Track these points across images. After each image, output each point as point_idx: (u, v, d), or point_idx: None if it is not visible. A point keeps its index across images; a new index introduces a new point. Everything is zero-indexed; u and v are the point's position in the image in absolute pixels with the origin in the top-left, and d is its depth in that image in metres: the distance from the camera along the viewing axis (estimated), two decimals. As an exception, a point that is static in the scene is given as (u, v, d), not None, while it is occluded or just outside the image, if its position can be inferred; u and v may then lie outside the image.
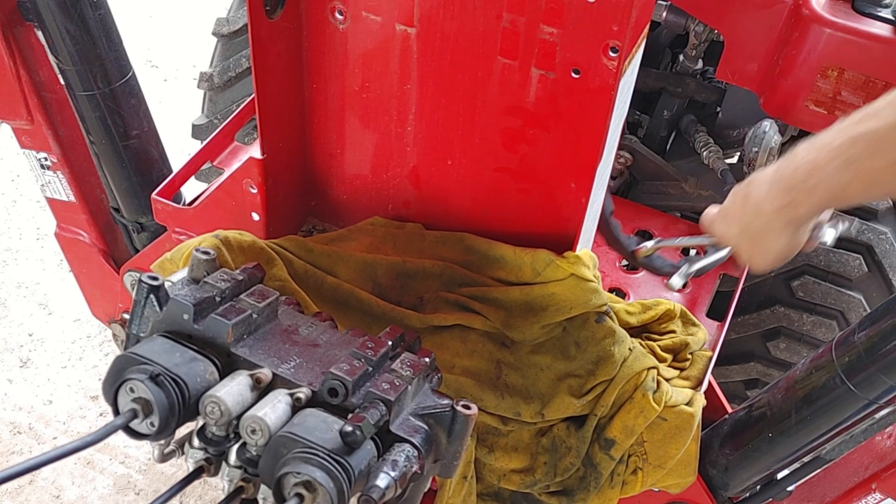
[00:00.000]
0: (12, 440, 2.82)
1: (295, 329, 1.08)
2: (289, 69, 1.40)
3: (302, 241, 1.50)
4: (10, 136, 1.86)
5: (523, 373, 1.47)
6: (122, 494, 2.71)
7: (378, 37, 1.33)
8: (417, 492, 1.03)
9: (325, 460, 0.86)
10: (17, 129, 1.80)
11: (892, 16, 1.58)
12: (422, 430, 0.98)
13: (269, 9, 1.28)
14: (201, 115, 2.67)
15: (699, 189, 2.22)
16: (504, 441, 1.53)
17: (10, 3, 1.61)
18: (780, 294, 2.23)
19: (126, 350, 0.95)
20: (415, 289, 1.49)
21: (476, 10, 1.24)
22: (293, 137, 1.50)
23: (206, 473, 0.98)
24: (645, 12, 1.26)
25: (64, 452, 0.80)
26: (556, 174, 1.36)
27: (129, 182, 1.78)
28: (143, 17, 4.80)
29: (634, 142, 2.19)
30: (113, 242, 2.01)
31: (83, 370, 3.05)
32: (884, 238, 2.14)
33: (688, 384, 1.57)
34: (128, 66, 1.65)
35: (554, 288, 1.43)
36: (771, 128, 1.84)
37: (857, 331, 1.33)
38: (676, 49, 2.20)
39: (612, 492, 1.57)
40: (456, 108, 1.36)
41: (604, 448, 1.51)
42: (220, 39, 2.54)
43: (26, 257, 3.44)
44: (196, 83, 2.61)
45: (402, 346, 1.09)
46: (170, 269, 1.44)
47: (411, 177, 1.49)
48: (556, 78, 1.25)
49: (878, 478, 1.52)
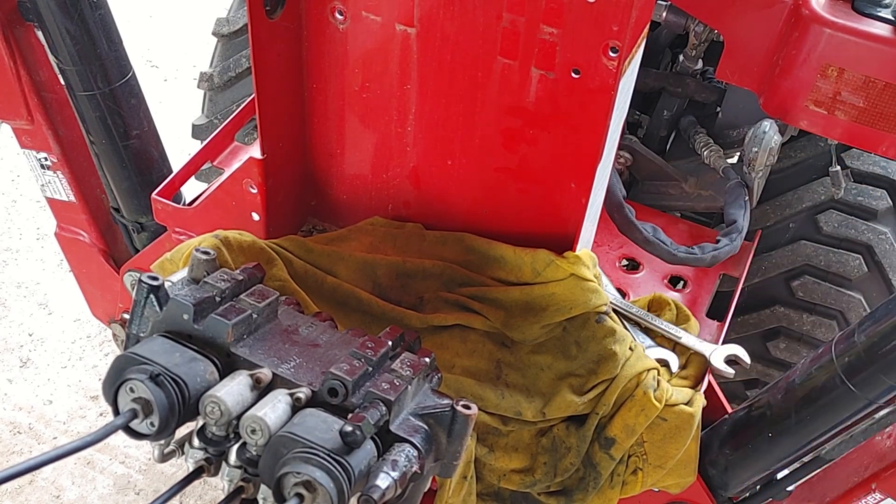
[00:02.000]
0: (12, 440, 2.82)
1: (295, 329, 1.08)
2: (289, 69, 1.40)
3: (302, 241, 1.50)
4: (10, 136, 1.86)
5: (524, 372, 1.47)
6: (122, 494, 2.71)
7: (378, 37, 1.33)
8: (417, 492, 1.03)
9: (325, 460, 0.86)
10: (18, 129, 1.80)
11: (892, 16, 1.58)
12: (422, 430, 0.98)
13: (269, 9, 1.28)
14: (201, 115, 2.67)
15: (699, 189, 2.21)
16: (504, 441, 1.53)
17: (10, 3, 1.61)
18: (779, 294, 2.23)
19: (126, 350, 0.95)
20: (415, 289, 1.49)
21: (476, 11, 1.24)
22: (293, 137, 1.50)
23: (206, 473, 0.98)
24: (645, 12, 1.26)
25: (64, 452, 0.80)
26: (556, 174, 1.36)
27: (129, 182, 1.78)
28: (143, 17, 4.80)
29: (634, 142, 2.19)
30: (113, 242, 2.01)
31: (83, 370, 3.05)
32: (884, 238, 2.14)
33: (687, 383, 1.58)
34: (128, 66, 1.65)
35: (554, 288, 1.43)
36: (771, 128, 1.84)
37: (857, 331, 1.33)
38: (676, 49, 2.20)
39: (612, 492, 1.57)
40: (456, 108, 1.36)
41: (604, 447, 1.51)
42: (220, 39, 2.54)
43: (26, 257, 3.44)
44: (196, 83, 2.61)
45: (402, 346, 1.09)
46: (170, 269, 1.44)
47: (411, 177, 1.49)
48: (556, 78, 1.25)
49: (878, 478, 1.52)
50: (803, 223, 2.20)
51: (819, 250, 2.17)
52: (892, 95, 1.57)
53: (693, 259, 1.76)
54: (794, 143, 2.24)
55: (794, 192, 2.22)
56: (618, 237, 1.88)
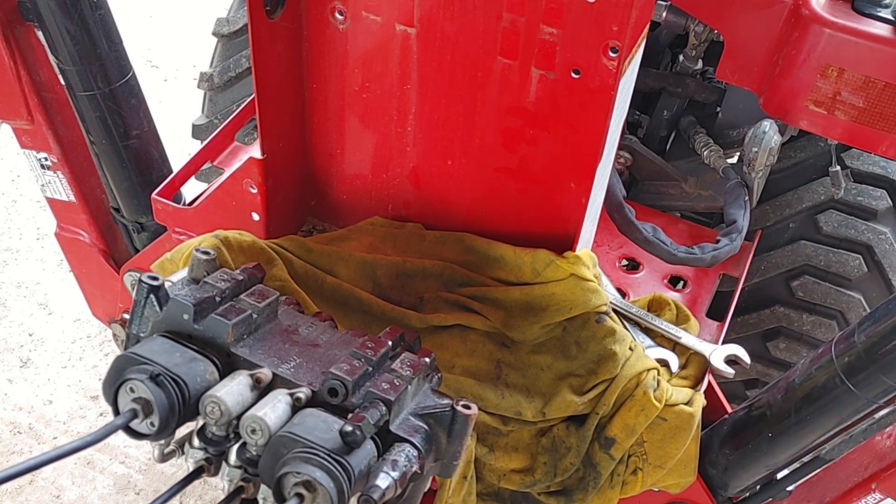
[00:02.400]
0: (12, 440, 2.82)
1: (295, 329, 1.08)
2: (289, 69, 1.40)
3: (302, 241, 1.50)
4: (10, 136, 1.86)
5: (524, 372, 1.48)
6: (122, 494, 2.71)
7: (378, 37, 1.33)
8: (417, 491, 1.03)
9: (325, 460, 0.86)
10: (18, 129, 1.80)
11: (891, 16, 1.58)
12: (422, 430, 0.98)
13: (269, 9, 1.28)
14: (201, 115, 2.67)
15: (699, 189, 2.21)
16: (504, 441, 1.53)
17: (10, 3, 1.61)
18: (779, 294, 2.23)
19: (126, 350, 0.95)
20: (415, 289, 1.49)
21: (476, 11, 1.24)
22: (293, 137, 1.50)
23: (206, 473, 0.98)
24: (645, 12, 1.26)
25: (64, 452, 0.80)
26: (556, 174, 1.36)
27: (129, 182, 1.78)
28: (143, 17, 4.80)
29: (634, 142, 2.19)
30: (113, 242, 2.01)
31: (83, 370, 3.05)
32: (883, 238, 2.14)
33: (686, 383, 1.58)
34: (128, 66, 1.65)
35: (554, 288, 1.43)
36: (771, 128, 1.84)
37: (856, 331, 1.33)
38: (676, 49, 2.20)
39: (612, 492, 1.57)
40: (456, 108, 1.36)
41: (604, 447, 1.51)
42: (220, 39, 2.54)
43: (26, 257, 3.44)
44: (196, 83, 2.61)
45: (402, 346, 1.09)
46: (170, 269, 1.44)
47: (411, 177, 1.49)
48: (556, 78, 1.25)
49: (877, 478, 1.52)
50: (803, 223, 2.20)
51: (819, 250, 2.17)
52: (892, 95, 1.57)
53: (693, 259, 1.76)
54: (794, 143, 2.24)
55: (794, 192, 2.22)
56: (618, 237, 1.88)
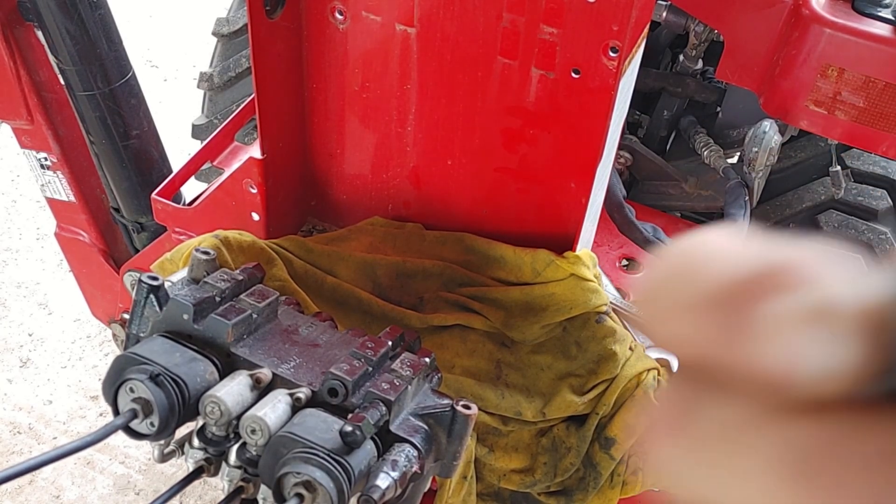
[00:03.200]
0: (12, 440, 2.82)
1: (295, 329, 1.08)
2: (289, 69, 1.40)
3: (302, 241, 1.50)
4: (10, 136, 1.86)
5: (524, 372, 1.48)
6: (122, 494, 2.71)
7: (378, 37, 1.33)
8: (417, 492, 1.03)
9: (325, 460, 0.86)
10: (17, 129, 1.80)
11: (892, 16, 1.58)
12: (422, 430, 0.98)
13: (269, 9, 1.28)
14: (201, 115, 2.67)
15: (699, 189, 2.22)
16: (504, 441, 1.53)
17: (10, 3, 1.61)
18: (779, 294, 2.22)
19: (126, 350, 0.95)
20: (415, 289, 1.49)
21: (476, 11, 1.24)
22: (293, 137, 1.50)
23: (206, 473, 0.98)
24: (645, 12, 1.26)
25: (64, 452, 0.80)
26: (556, 174, 1.36)
27: (129, 182, 1.78)
28: (143, 17, 4.80)
29: (634, 142, 2.19)
30: (113, 242, 2.00)
31: (83, 370, 3.05)
32: (884, 238, 2.14)
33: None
34: (128, 66, 1.65)
35: (554, 288, 1.43)
36: (771, 128, 1.84)
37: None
38: (676, 49, 2.20)
39: (612, 492, 1.57)
40: (456, 108, 1.36)
41: (604, 447, 1.51)
42: (220, 39, 2.54)
43: (26, 257, 3.44)
44: (196, 83, 2.61)
45: (402, 346, 1.09)
46: (170, 269, 1.44)
47: (411, 177, 1.49)
48: (556, 78, 1.25)
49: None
50: (803, 223, 2.20)
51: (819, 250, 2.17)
52: (892, 95, 1.57)
53: None
54: (794, 143, 2.24)
55: (794, 192, 2.22)
56: (618, 237, 1.88)
